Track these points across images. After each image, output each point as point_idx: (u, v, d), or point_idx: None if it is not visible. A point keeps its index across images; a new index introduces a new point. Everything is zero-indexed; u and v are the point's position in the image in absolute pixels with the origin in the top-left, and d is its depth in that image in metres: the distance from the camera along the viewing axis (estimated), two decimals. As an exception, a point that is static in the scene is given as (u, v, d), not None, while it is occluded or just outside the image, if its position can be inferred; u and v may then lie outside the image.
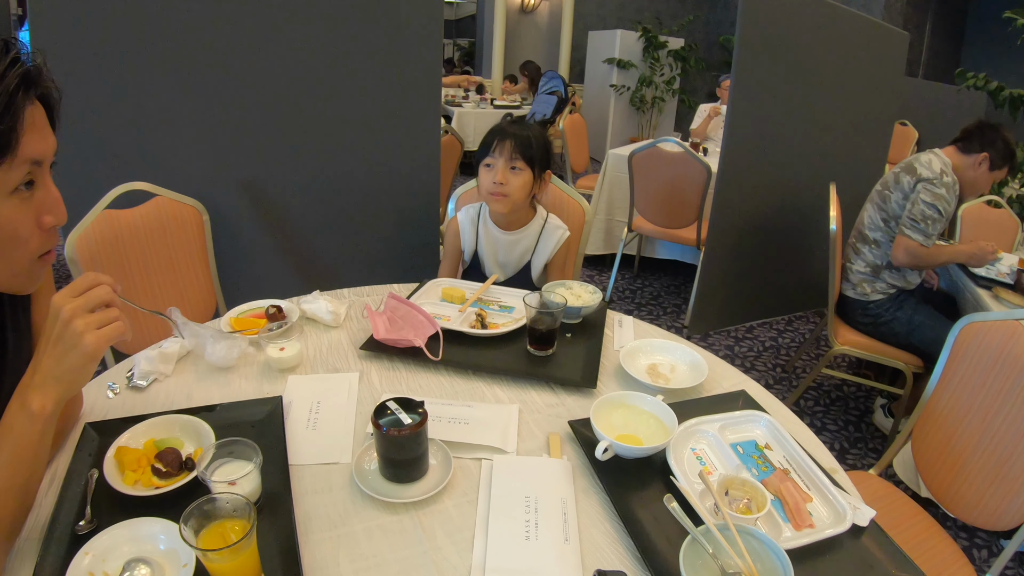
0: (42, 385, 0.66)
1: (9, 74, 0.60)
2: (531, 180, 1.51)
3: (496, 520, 0.78)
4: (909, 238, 1.99)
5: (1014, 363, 1.13)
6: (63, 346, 0.66)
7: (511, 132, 1.50)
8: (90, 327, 0.66)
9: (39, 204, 0.68)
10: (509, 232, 1.60)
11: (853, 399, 2.60)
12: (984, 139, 2.02)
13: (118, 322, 0.69)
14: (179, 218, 1.62)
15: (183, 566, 0.67)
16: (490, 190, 1.49)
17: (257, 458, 0.77)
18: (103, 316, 0.68)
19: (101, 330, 0.67)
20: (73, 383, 0.67)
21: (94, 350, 0.66)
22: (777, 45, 2.41)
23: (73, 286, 0.68)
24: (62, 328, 0.66)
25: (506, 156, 1.48)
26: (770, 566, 0.68)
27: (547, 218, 1.62)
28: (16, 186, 0.64)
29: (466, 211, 1.65)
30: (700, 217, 3.05)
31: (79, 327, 0.66)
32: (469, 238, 1.63)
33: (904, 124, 5.21)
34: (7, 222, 0.65)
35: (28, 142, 0.63)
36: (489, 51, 8.07)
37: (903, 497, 1.33)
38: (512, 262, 1.63)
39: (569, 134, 4.13)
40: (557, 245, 1.59)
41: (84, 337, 0.66)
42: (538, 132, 1.55)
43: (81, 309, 0.66)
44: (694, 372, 1.14)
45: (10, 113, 0.60)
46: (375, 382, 1.10)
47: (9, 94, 0.60)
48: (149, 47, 1.73)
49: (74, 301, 0.67)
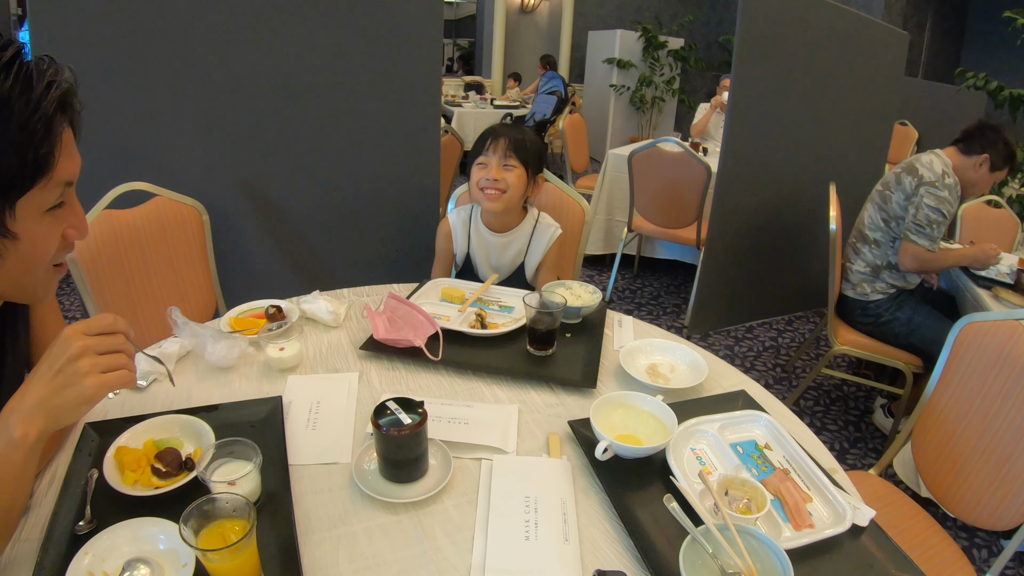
0: (29, 412, 0.62)
1: (47, 98, 0.60)
2: (525, 179, 1.50)
3: (496, 520, 0.78)
4: (916, 244, 1.99)
5: (1014, 363, 1.13)
6: (62, 380, 0.63)
7: (505, 132, 1.50)
8: (95, 369, 0.64)
9: (64, 220, 0.68)
10: (501, 234, 1.58)
11: (853, 399, 2.60)
12: (985, 140, 2.02)
13: (125, 371, 0.66)
14: (179, 218, 1.62)
15: (183, 566, 0.67)
16: (484, 186, 1.49)
17: (257, 458, 0.77)
18: (111, 361, 0.65)
19: (106, 375, 0.64)
20: (61, 419, 0.64)
21: (93, 393, 0.64)
22: (777, 45, 2.41)
23: (89, 323, 0.66)
24: (66, 363, 0.63)
25: (500, 154, 1.47)
26: (770, 566, 0.68)
27: (539, 217, 1.61)
28: (51, 206, 0.64)
29: (457, 213, 1.63)
30: (700, 217, 3.05)
31: (84, 367, 0.63)
32: (461, 241, 1.62)
33: (904, 124, 5.22)
34: (41, 240, 0.65)
35: (63, 165, 0.63)
36: (489, 51, 8.07)
37: (903, 497, 1.33)
38: (505, 265, 1.62)
39: (569, 134, 4.13)
40: (549, 243, 1.58)
41: (87, 378, 0.63)
42: (532, 135, 1.55)
43: (91, 349, 0.64)
44: (694, 372, 1.14)
45: (49, 137, 0.60)
46: (375, 382, 1.10)
47: (48, 118, 0.60)
48: (149, 47, 1.73)
49: (86, 339, 0.64)
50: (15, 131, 0.57)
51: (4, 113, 0.57)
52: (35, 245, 0.65)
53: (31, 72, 0.59)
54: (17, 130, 0.58)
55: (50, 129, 0.60)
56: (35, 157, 0.60)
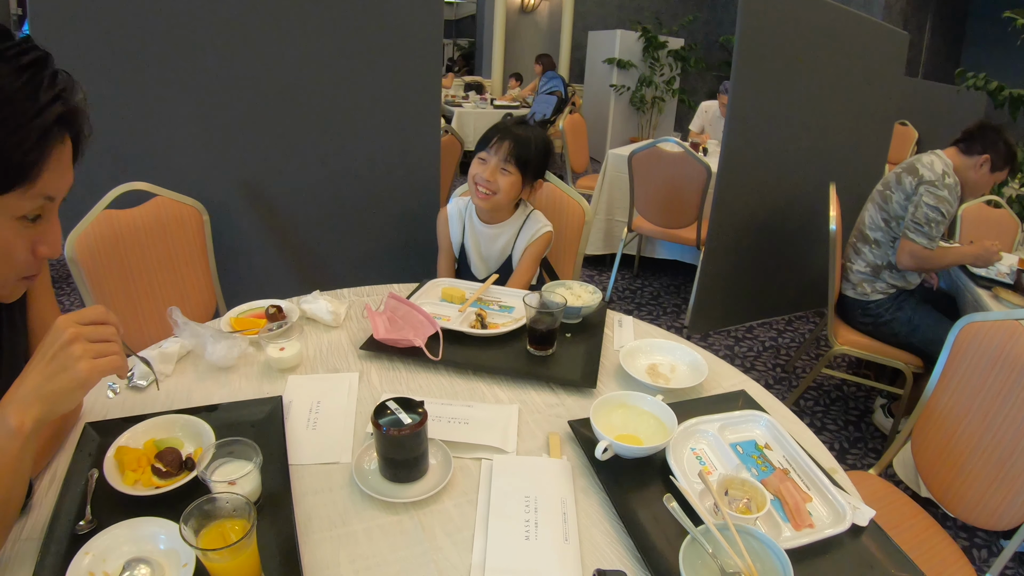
0: (24, 401, 0.63)
1: (49, 109, 0.60)
2: (519, 185, 1.51)
3: (496, 520, 0.78)
4: (913, 242, 1.99)
5: (1014, 363, 1.13)
6: (56, 365, 0.64)
7: (513, 133, 1.49)
8: (87, 354, 0.65)
9: (39, 234, 0.68)
10: (490, 226, 1.61)
11: (853, 399, 2.60)
12: (985, 140, 2.02)
13: (115, 356, 0.68)
14: (179, 218, 1.62)
15: (183, 566, 0.67)
16: (478, 182, 1.50)
17: (257, 458, 0.77)
18: (103, 347, 0.67)
19: (97, 360, 0.66)
20: (56, 405, 0.65)
21: (86, 377, 0.65)
22: (777, 45, 2.41)
23: (81, 314, 0.68)
24: (59, 348, 0.65)
25: (501, 156, 1.48)
26: (770, 566, 0.68)
27: (530, 213, 1.62)
28: (24, 215, 0.64)
29: (455, 203, 1.66)
30: (700, 217, 3.05)
31: (77, 352, 0.65)
32: (456, 230, 1.65)
33: (904, 124, 5.21)
34: (4, 242, 0.64)
35: (49, 178, 0.63)
36: (489, 51, 8.08)
37: (903, 497, 1.33)
38: (494, 255, 1.64)
39: (569, 134, 4.13)
40: (534, 237, 1.58)
41: (80, 362, 0.64)
42: (540, 138, 1.53)
43: (83, 336, 0.66)
44: (694, 372, 1.14)
45: (39, 148, 0.60)
46: (375, 382, 1.10)
47: (44, 129, 0.60)
48: (149, 47, 1.73)
49: (79, 327, 0.66)
50: (8, 131, 0.58)
51: (4, 111, 0.57)
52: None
53: (42, 81, 0.60)
54: (11, 131, 0.58)
55: (44, 140, 0.60)
56: (20, 162, 0.60)
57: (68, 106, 0.62)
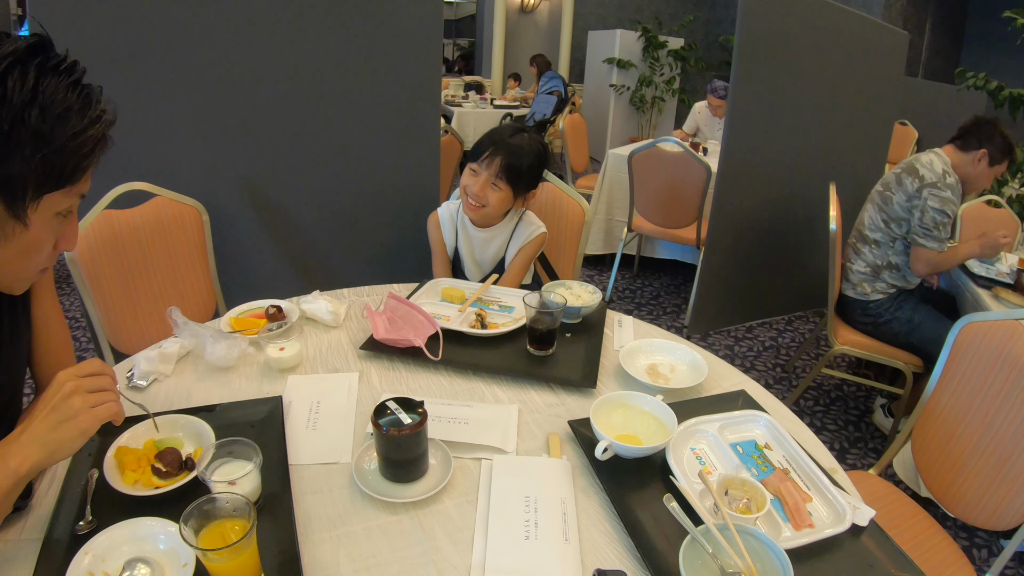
0: (27, 445, 0.68)
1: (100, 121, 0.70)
2: (510, 199, 1.50)
3: (496, 520, 0.78)
4: (926, 247, 1.99)
5: (1014, 363, 1.13)
6: (58, 416, 0.69)
7: (507, 147, 1.44)
8: (87, 405, 0.71)
9: (63, 229, 0.76)
10: (483, 230, 1.60)
11: (853, 399, 2.60)
12: (981, 135, 2.02)
13: (112, 403, 0.74)
14: (179, 218, 1.62)
15: (183, 566, 0.67)
16: (468, 193, 1.50)
17: (257, 458, 0.78)
18: (100, 397, 0.73)
19: (95, 409, 0.71)
20: (57, 452, 0.70)
21: (87, 426, 0.70)
22: (777, 45, 2.41)
23: (80, 367, 0.74)
24: (60, 400, 0.70)
25: (492, 171, 1.45)
26: (770, 566, 0.68)
27: (522, 215, 1.61)
28: (61, 211, 0.72)
29: (446, 207, 1.65)
30: (700, 217, 3.05)
31: (77, 404, 0.70)
32: (449, 235, 1.64)
33: (904, 124, 5.21)
34: (43, 237, 0.73)
35: (87, 179, 0.73)
36: (489, 51, 8.07)
37: (903, 497, 1.33)
38: (487, 259, 1.64)
39: (569, 134, 4.13)
40: (528, 239, 1.58)
41: (80, 413, 0.70)
42: (535, 151, 1.48)
43: (82, 388, 0.71)
44: (694, 372, 1.14)
45: (92, 154, 0.70)
46: (375, 382, 1.10)
47: (97, 138, 0.70)
48: (149, 47, 1.73)
49: (77, 379, 0.72)
50: (69, 137, 0.66)
51: (64, 121, 0.66)
52: (37, 240, 0.72)
53: (91, 96, 0.69)
54: (71, 137, 0.66)
55: (95, 148, 0.70)
56: (76, 165, 0.69)
57: (109, 121, 0.72)
